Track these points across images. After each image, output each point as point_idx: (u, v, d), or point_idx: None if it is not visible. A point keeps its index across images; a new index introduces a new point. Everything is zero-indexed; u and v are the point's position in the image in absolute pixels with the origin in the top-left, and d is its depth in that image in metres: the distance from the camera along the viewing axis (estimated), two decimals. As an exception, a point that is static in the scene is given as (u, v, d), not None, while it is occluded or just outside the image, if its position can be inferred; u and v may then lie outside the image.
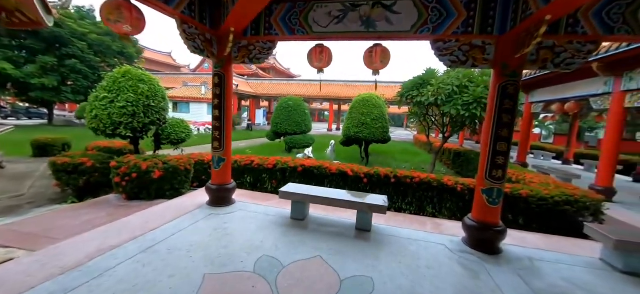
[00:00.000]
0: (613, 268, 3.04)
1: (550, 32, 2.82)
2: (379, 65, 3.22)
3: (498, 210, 3.16)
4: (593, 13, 2.74)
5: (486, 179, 3.12)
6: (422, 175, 4.80)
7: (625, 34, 2.70)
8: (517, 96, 2.96)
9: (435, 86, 7.78)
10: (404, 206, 5.01)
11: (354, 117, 9.87)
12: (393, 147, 17.46)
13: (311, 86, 29.54)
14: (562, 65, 2.92)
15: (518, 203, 4.46)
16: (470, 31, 2.99)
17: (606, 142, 6.21)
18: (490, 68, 3.11)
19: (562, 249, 3.51)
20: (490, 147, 3.07)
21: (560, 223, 4.37)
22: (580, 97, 7.41)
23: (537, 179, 5.52)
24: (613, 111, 5.96)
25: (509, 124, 2.98)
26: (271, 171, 5.52)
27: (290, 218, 3.84)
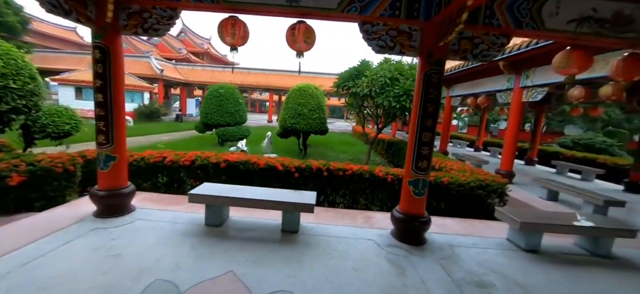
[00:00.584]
0: (518, 247, 3.32)
1: (470, 22, 2.82)
2: (303, 46, 2.83)
3: (423, 201, 3.14)
4: (506, 6, 2.82)
5: (412, 170, 3.05)
6: (354, 167, 4.67)
7: (531, 29, 2.85)
8: (441, 85, 2.92)
9: (369, 77, 7.86)
10: (338, 199, 4.85)
11: (290, 107, 9.45)
12: (332, 138, 17.65)
13: (250, 74, 27.99)
14: (480, 56, 2.97)
15: (440, 190, 4.68)
16: (397, 15, 2.82)
17: (508, 131, 7.12)
18: (416, 55, 3.01)
19: (477, 232, 3.75)
20: (416, 138, 2.99)
21: (475, 206, 4.75)
22: (489, 92, 8.38)
23: (456, 166, 5.97)
24: (514, 104, 6.84)
25: (433, 114, 2.93)
26: (189, 168, 4.73)
27: (204, 225, 3.23)
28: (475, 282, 2.56)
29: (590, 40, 2.93)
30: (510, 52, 5.94)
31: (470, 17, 2.80)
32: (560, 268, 2.94)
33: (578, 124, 20.49)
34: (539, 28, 2.82)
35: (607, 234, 3.24)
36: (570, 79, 3.34)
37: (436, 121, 2.98)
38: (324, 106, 10.18)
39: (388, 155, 11.63)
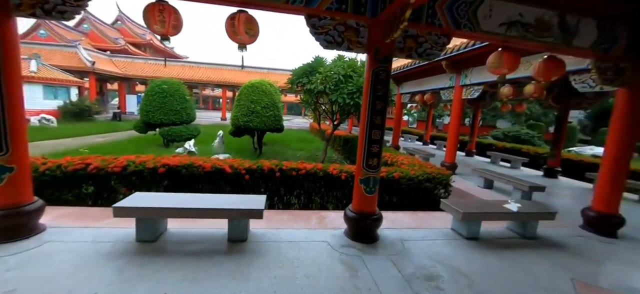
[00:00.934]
0: (461, 236, 3.53)
1: (414, 20, 2.86)
2: (246, 38, 2.59)
3: (374, 198, 3.14)
4: (446, 7, 2.91)
5: (363, 168, 3.02)
6: (308, 166, 4.54)
7: (468, 30, 3.00)
8: (389, 82, 2.93)
9: (323, 74, 7.80)
10: (293, 199, 4.69)
11: (242, 105, 8.98)
12: (289, 135, 17.40)
13: (200, 69, 26.18)
14: (424, 54, 3.05)
15: (392, 184, 4.81)
16: (344, 9, 2.73)
17: (451, 126, 7.69)
18: (364, 52, 2.97)
19: (426, 224, 3.91)
20: (366, 136, 2.96)
21: (424, 198, 4.98)
22: (434, 89, 8.97)
23: (407, 160, 6.23)
24: (455, 101, 7.40)
25: (382, 112, 2.93)
26: (121, 175, 4.13)
27: (135, 242, 2.81)
28: (424, 276, 2.62)
29: (518, 43, 3.20)
30: (451, 53, 6.36)
31: (414, 16, 2.84)
32: (496, 253, 3.19)
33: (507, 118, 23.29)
34: (475, 29, 2.98)
35: (533, 218, 3.61)
36: (501, 78, 3.65)
37: (385, 118, 2.99)
38: (279, 103, 9.89)
39: (344, 151, 11.81)
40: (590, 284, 2.74)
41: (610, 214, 3.94)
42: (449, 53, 6.43)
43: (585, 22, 3.28)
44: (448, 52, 6.48)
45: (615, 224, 3.95)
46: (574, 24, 3.22)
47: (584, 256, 3.30)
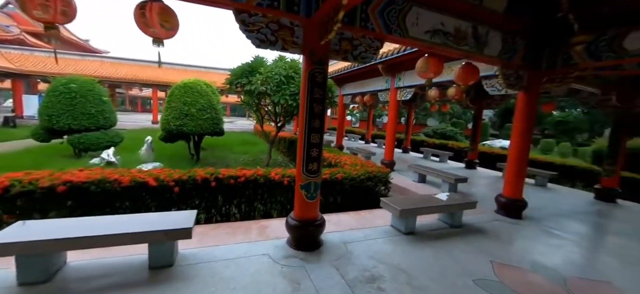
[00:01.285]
0: (399, 232, 3.69)
1: (348, 23, 2.86)
2: (161, 31, 2.22)
3: (316, 204, 3.06)
4: (378, 11, 2.98)
5: (303, 174, 2.91)
6: (247, 173, 4.25)
7: (398, 36, 3.12)
8: (326, 85, 2.87)
9: (263, 75, 7.51)
10: (233, 209, 4.34)
11: (174, 107, 8.09)
12: (232, 138, 16.48)
13: (123, 65, 23.00)
14: (359, 57, 3.07)
15: (335, 186, 4.83)
16: (276, 6, 2.57)
17: (388, 126, 8.17)
18: (300, 53, 2.86)
19: (368, 223, 4.00)
20: (304, 140, 2.86)
21: (366, 196, 5.13)
22: (372, 91, 9.44)
23: (350, 160, 6.37)
24: (391, 102, 7.88)
25: (320, 115, 2.86)
26: (3, 199, 3.25)
27: (16, 286, 2.19)
28: (366, 278, 2.63)
29: (441, 50, 3.48)
30: (386, 57, 6.73)
31: (348, 19, 2.83)
32: (430, 245, 3.41)
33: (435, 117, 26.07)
34: (404, 35, 3.12)
35: (458, 209, 3.99)
36: (428, 82, 3.95)
37: (324, 121, 2.92)
38: (217, 105, 9.21)
39: (290, 153, 11.63)
40: (504, 263, 3.10)
41: (516, 199, 4.61)
42: (384, 57, 6.79)
43: (492, 34, 3.73)
44: (383, 56, 6.84)
45: (521, 207, 4.63)
46: (484, 35, 3.64)
47: (499, 239, 3.76)
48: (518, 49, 4.00)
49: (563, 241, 3.85)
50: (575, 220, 4.83)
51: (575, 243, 3.84)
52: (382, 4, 2.97)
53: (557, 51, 3.96)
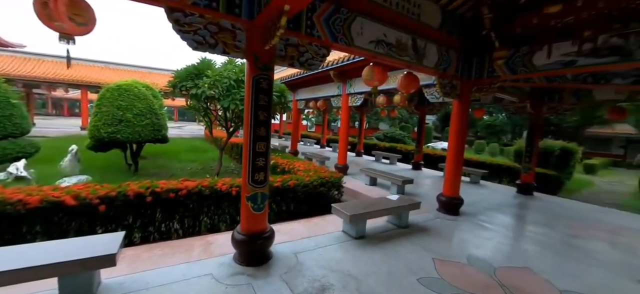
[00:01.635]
0: (350, 237, 3.73)
1: (293, 29, 2.81)
2: (70, 27, 1.89)
3: (264, 215, 2.92)
4: (324, 19, 2.99)
5: (249, 184, 2.76)
6: (190, 184, 3.91)
7: (344, 44, 3.17)
8: (271, 91, 2.77)
9: (211, 78, 7.09)
10: (176, 225, 3.95)
11: (105, 112, 7.15)
12: (179, 145, 15.29)
13: (43, 63, 19.81)
14: (306, 64, 3.04)
15: (288, 193, 4.72)
16: (215, 7, 2.40)
17: (340, 131, 8.35)
18: (243, 57, 2.72)
19: (320, 230, 3.97)
20: (250, 149, 2.71)
21: (320, 203, 5.11)
22: (325, 97, 9.58)
23: (303, 166, 6.32)
24: (343, 108, 8.08)
25: (266, 122, 2.75)
26: None
27: None
28: (316, 289, 2.58)
29: (385, 59, 3.64)
30: (336, 64, 6.88)
31: (293, 25, 2.79)
32: (379, 248, 3.51)
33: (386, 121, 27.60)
34: (350, 44, 3.19)
35: (404, 210, 4.20)
36: (374, 89, 4.11)
37: (270, 129, 2.81)
38: (158, 109, 8.42)
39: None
40: (444, 260, 3.33)
41: (454, 197, 5.03)
42: (334, 64, 6.93)
43: (430, 47, 4.04)
44: (334, 63, 6.98)
45: (458, 205, 5.07)
46: (423, 47, 3.92)
47: (441, 236, 4.04)
48: (452, 61, 4.40)
49: (493, 233, 4.30)
50: (502, 213, 5.46)
51: (502, 234, 4.32)
52: (327, 12, 2.99)
53: (483, 64, 4.45)
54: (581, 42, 3.23)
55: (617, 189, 13.48)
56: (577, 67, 3.40)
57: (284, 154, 8.50)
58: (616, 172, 19.91)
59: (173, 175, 8.15)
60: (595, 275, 3.24)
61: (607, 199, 10.87)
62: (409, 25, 3.69)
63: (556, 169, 10.74)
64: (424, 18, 3.78)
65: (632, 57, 3.01)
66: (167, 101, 20.63)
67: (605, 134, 25.69)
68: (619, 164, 24.19)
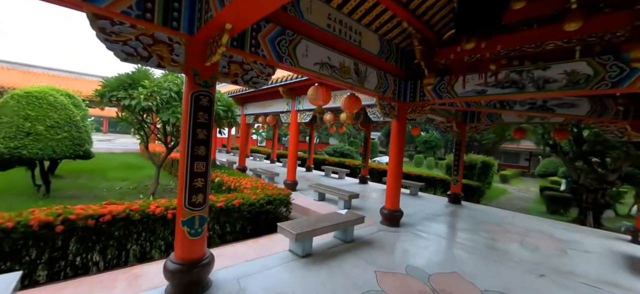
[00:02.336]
0: (297, 256, 3.69)
1: (238, 46, 2.78)
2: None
3: (203, 240, 2.72)
4: (269, 39, 3.03)
5: (185, 208, 2.56)
6: (116, 208, 3.46)
7: (289, 65, 3.24)
8: (212, 108, 2.66)
9: (148, 88, 6.51)
10: (96, 257, 3.42)
11: (6, 123, 5.98)
12: (109, 161, 13.56)
13: None
14: (250, 82, 3.01)
15: (232, 213, 4.50)
16: (149, 19, 2.25)
17: (290, 147, 8.36)
18: (181, 72, 2.57)
19: (267, 250, 3.84)
20: (187, 169, 2.54)
21: (268, 221, 4.98)
22: (275, 112, 9.55)
23: (250, 183, 6.12)
24: (292, 124, 8.14)
25: (206, 141, 2.61)
26: None
27: None
28: (258, 315, 2.47)
29: (329, 81, 3.81)
30: (285, 81, 6.95)
31: (238, 43, 2.76)
32: (326, 265, 3.54)
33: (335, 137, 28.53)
34: (295, 64, 3.27)
35: (350, 225, 4.34)
36: (319, 108, 4.26)
37: (210, 148, 2.68)
38: (80, 121, 7.36)
39: (185, 177, 10.34)
40: (386, 271, 3.51)
41: (395, 209, 5.39)
42: (284, 81, 7.00)
43: (370, 71, 4.37)
44: (283, 80, 7.04)
45: (399, 217, 5.43)
46: (364, 71, 4.23)
47: (383, 248, 4.26)
48: (390, 84, 4.82)
49: (428, 242, 4.70)
50: (436, 222, 6.02)
51: (435, 242, 4.75)
52: (273, 33, 3.04)
53: (416, 89, 4.97)
54: (486, 76, 3.85)
55: (525, 195, 16.05)
56: (487, 95, 4.03)
57: (230, 170, 8.13)
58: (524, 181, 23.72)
59: (97, 197, 7.12)
60: (510, 274, 3.76)
61: (518, 205, 12.85)
62: (352, 50, 3.96)
63: (479, 180, 12.35)
64: (365, 45, 4.10)
65: (525, 89, 3.70)
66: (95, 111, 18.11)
67: (514, 149, 30.56)
68: (525, 174, 28.90)
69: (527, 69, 3.71)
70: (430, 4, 3.94)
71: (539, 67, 3.60)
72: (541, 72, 3.57)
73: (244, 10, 1.97)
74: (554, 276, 3.76)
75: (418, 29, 4.14)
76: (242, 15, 2.03)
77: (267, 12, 2.09)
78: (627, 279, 3.83)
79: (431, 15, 4.16)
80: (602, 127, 5.70)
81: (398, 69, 4.86)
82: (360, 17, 3.95)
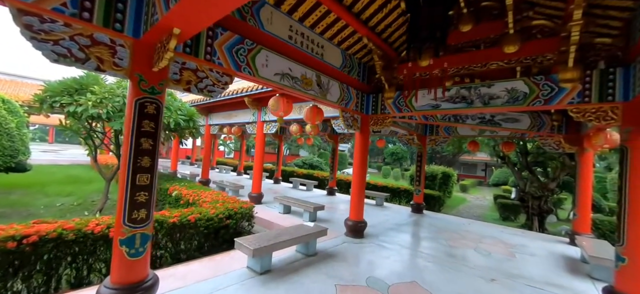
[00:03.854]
0: (255, 273, 3.52)
1: (191, 53, 2.65)
2: None
3: (145, 261, 2.48)
4: (226, 48, 2.94)
5: (124, 225, 2.32)
6: (45, 227, 3.05)
7: (248, 74, 3.17)
8: (160, 117, 2.49)
9: (98, 95, 6.00)
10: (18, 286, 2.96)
11: None
12: (52, 174, 12.17)
13: None
14: (205, 90, 2.89)
15: (187, 229, 4.22)
16: (87, 18, 2.06)
17: (255, 159, 8.14)
18: (125, 76, 2.38)
19: (223, 268, 3.62)
20: (128, 182, 2.32)
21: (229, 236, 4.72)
22: (240, 123, 9.31)
23: (211, 197, 5.81)
24: (258, 135, 7.97)
25: (151, 152, 2.42)
26: None
27: None
28: (206, 340, 2.28)
29: (291, 92, 3.79)
30: (250, 91, 6.83)
31: (191, 49, 2.64)
32: (286, 282, 3.41)
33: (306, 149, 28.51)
34: (254, 75, 3.21)
35: (312, 238, 4.26)
36: (280, 120, 4.22)
37: (156, 159, 2.49)
38: (15, 129, 6.54)
39: (140, 191, 9.57)
40: (347, 285, 3.47)
41: (359, 221, 5.42)
42: (249, 91, 6.86)
43: (333, 84, 4.44)
44: (249, 90, 6.91)
45: (363, 228, 5.47)
46: (327, 84, 4.28)
47: (345, 260, 4.23)
48: (353, 97, 4.93)
49: (390, 252, 4.77)
50: (399, 231, 6.16)
51: (397, 252, 4.83)
52: (230, 41, 2.96)
53: (377, 102, 5.14)
54: (436, 92, 4.10)
55: (482, 203, 17.16)
56: (441, 109, 4.28)
57: (191, 183, 7.68)
58: (481, 190, 25.44)
59: (31, 215, 6.30)
60: (464, 280, 3.92)
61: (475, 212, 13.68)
62: (314, 63, 3.99)
63: (440, 190, 13.00)
64: (328, 58, 4.16)
65: (473, 104, 3.99)
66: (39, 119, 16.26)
67: (472, 161, 32.85)
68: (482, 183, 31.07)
69: (475, 86, 4.01)
70: (388, 22, 4.13)
71: (484, 84, 3.91)
72: (486, 89, 3.88)
73: (192, 15, 1.88)
74: (504, 280, 3.99)
75: (378, 45, 4.31)
76: (190, 20, 1.94)
77: (216, 18, 2.02)
78: (567, 279, 4.18)
79: (390, 33, 4.36)
80: (541, 140, 6.33)
81: (360, 83, 5.00)
82: (323, 30, 4.02)
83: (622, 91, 3.04)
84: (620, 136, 3.10)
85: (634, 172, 2.91)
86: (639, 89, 2.81)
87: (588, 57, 3.31)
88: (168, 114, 6.74)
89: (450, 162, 25.51)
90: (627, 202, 2.94)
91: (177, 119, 6.86)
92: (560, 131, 5.70)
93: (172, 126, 6.76)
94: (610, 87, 3.12)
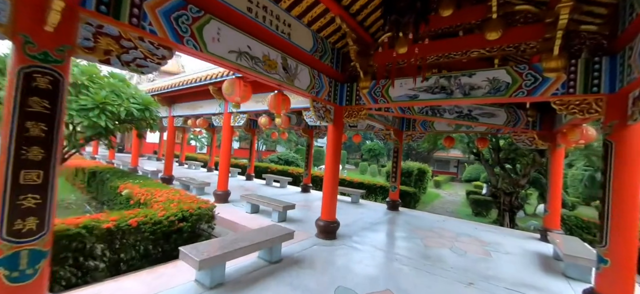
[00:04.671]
0: (204, 287, 2.98)
1: (108, 13, 2.05)
2: None
3: (39, 285, 1.84)
4: (162, 12, 2.35)
5: (2, 239, 1.70)
6: None
7: (193, 48, 2.60)
8: (60, 94, 1.87)
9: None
10: None
11: None
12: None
13: None
14: (133, 64, 2.28)
15: (126, 237, 3.57)
16: None
17: (222, 153, 7.47)
18: (5, 37, 1.74)
19: (165, 283, 3.03)
20: (6, 179, 1.70)
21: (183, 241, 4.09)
22: (206, 114, 8.55)
23: (165, 196, 5.13)
24: (224, 127, 7.30)
25: (45, 141, 1.80)
26: None
27: None
28: None
29: (250, 74, 3.25)
30: (215, 79, 6.16)
31: (109, 8, 2.04)
32: (240, 295, 2.91)
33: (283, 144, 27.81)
34: (201, 50, 2.64)
35: (277, 242, 3.78)
36: (236, 105, 3.67)
37: (53, 150, 1.87)
38: None
39: (91, 189, 8.57)
40: (312, 296, 3.03)
41: (331, 221, 5.01)
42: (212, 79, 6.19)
43: (302, 69, 3.95)
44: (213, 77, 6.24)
45: (335, 228, 5.06)
46: (294, 68, 3.79)
47: (313, 268, 3.79)
48: (325, 86, 4.47)
49: (363, 255, 4.40)
50: (373, 231, 5.84)
51: (370, 254, 4.47)
52: (168, 4, 2.37)
53: (352, 92, 4.73)
54: (415, 80, 3.76)
55: (455, 199, 17.55)
56: (419, 100, 3.95)
57: (146, 181, 6.87)
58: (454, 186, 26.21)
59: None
60: (441, 284, 3.63)
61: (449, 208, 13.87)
62: (278, 42, 3.48)
63: (415, 186, 12.99)
64: (295, 39, 3.66)
65: (453, 95, 3.68)
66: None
67: (445, 157, 33.86)
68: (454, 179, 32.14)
69: (455, 75, 3.71)
70: (363, 2, 3.71)
71: (465, 74, 3.61)
72: (467, 79, 3.58)
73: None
74: (481, 283, 3.76)
75: (352, 28, 3.88)
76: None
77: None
78: (542, 279, 4.03)
79: (366, 15, 3.94)
80: (515, 136, 6.26)
81: (334, 71, 4.55)
82: (290, 6, 3.51)
83: (608, 82, 2.84)
84: (604, 130, 2.91)
85: (619, 169, 2.72)
86: (626, 80, 2.60)
87: (573, 46, 3.09)
88: (118, 102, 5.92)
89: (425, 158, 26.03)
90: (610, 202, 2.75)
91: (128, 108, 6.04)
92: (534, 127, 5.64)
93: (122, 116, 5.94)
94: (596, 77, 2.91)
